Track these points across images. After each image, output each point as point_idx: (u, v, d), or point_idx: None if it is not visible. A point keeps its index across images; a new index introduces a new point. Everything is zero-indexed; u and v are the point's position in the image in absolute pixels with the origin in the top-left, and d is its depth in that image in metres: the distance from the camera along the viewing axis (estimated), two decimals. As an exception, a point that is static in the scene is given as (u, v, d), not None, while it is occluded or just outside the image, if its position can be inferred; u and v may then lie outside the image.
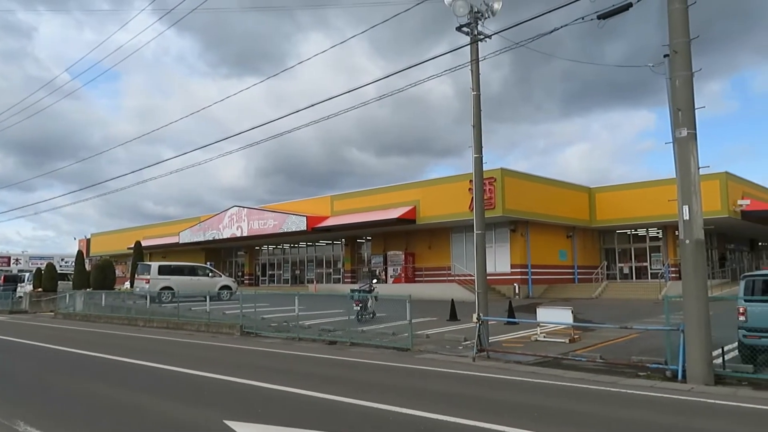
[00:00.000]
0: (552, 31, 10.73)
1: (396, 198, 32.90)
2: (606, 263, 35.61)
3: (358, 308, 18.59)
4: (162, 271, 27.71)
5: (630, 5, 9.67)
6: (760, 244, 45.05)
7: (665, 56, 9.51)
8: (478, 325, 12.44)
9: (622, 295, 29.73)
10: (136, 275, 31.06)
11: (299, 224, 35.85)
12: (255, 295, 20.29)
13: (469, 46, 13.75)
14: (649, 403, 7.95)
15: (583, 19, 10.23)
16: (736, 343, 10.53)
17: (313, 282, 40.65)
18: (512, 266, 30.97)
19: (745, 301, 10.13)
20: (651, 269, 33.93)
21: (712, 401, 7.86)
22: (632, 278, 34.82)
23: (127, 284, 40.44)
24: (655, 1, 13.00)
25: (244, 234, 40.16)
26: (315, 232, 35.99)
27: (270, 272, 46.29)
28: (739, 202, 29.37)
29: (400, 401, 7.74)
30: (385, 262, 36.22)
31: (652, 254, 34.41)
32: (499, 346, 13.37)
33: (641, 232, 34.89)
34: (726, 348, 10.37)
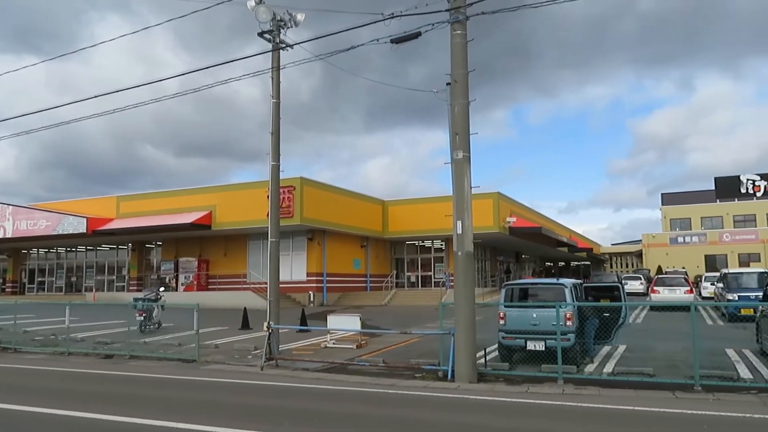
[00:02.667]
0: (349, 49, 11.17)
1: (191, 202, 31.43)
2: (396, 272, 37.88)
3: (142, 318, 17.34)
4: None
5: (419, 34, 10.44)
6: (524, 256, 51.58)
7: (447, 84, 10.45)
8: (268, 333, 12.35)
9: (410, 302, 31.80)
10: None
11: (78, 226, 32.40)
12: (16, 305, 17.77)
13: (271, 52, 13.72)
14: (421, 402, 8.60)
15: (378, 40, 10.81)
16: (497, 344, 11.85)
17: (92, 290, 36.92)
18: (308, 274, 31.38)
19: (505, 306, 11.46)
20: (435, 278, 36.85)
21: (473, 397, 8.76)
22: (419, 286, 37.47)
23: None
24: (444, 33, 14.23)
25: (8, 235, 35.10)
26: (97, 235, 32.82)
27: (40, 279, 41.07)
28: (508, 219, 33.34)
29: (176, 415, 7.36)
30: (177, 269, 34.31)
31: (436, 264, 37.39)
32: (289, 354, 13.42)
33: (428, 243, 37.76)
34: (489, 349, 11.65)
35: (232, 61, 14.31)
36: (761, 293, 13.31)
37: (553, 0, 9.38)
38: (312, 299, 30.61)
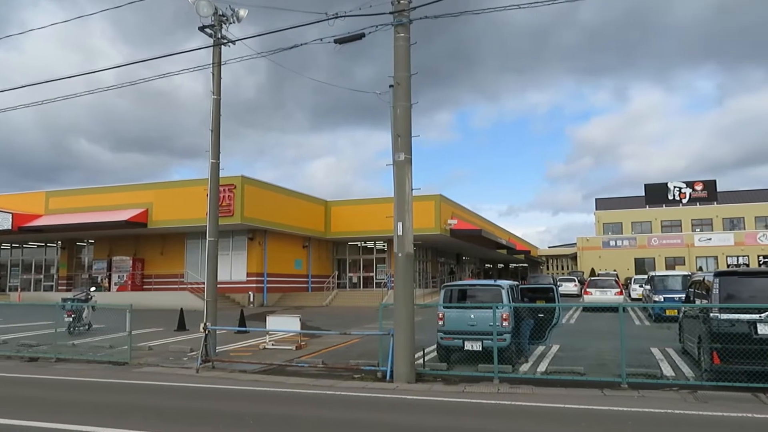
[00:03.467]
0: (292, 47, 11.07)
1: (127, 199, 30.36)
2: (337, 273, 37.79)
3: (71, 319, 16.64)
4: None
5: (363, 35, 10.46)
6: (464, 258, 52.46)
7: (390, 86, 10.51)
8: (205, 334, 12.08)
9: (351, 303, 31.81)
10: None
11: (2, 222, 30.74)
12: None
13: (212, 48, 13.43)
14: (359, 403, 8.61)
15: (321, 40, 10.77)
16: (436, 345, 12.00)
17: (17, 290, 35.13)
18: (248, 274, 30.90)
19: (444, 307, 11.62)
20: (377, 279, 36.99)
21: (411, 397, 8.84)
22: (360, 287, 37.52)
23: None
24: (390, 35, 14.30)
25: (-76, 231, 32.90)
26: (24, 232, 31.24)
27: (-42, 278, 38.72)
28: (449, 221, 33.84)
29: (105, 420, 7.10)
30: (110, 269, 33.09)
31: (378, 265, 37.54)
32: (226, 355, 13.17)
33: (370, 244, 37.87)
34: (428, 350, 11.79)
35: (173, 54, 13.97)
36: (684, 295, 14.02)
37: (493, 8, 9.59)
38: (252, 300, 30.15)
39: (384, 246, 36.89)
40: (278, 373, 11.18)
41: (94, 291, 19.54)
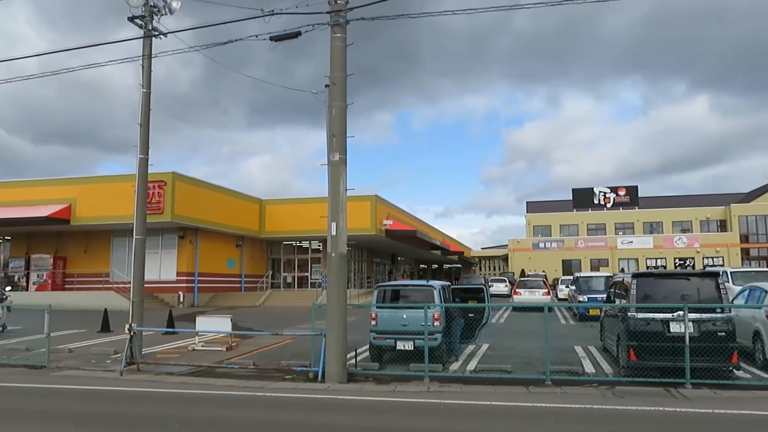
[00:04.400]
0: (226, 43, 10.87)
1: (48, 194, 28.89)
2: (272, 272, 37.31)
3: (-17, 321, 15.68)
4: None
5: (299, 34, 10.39)
6: (399, 258, 52.92)
7: (326, 86, 10.49)
8: (130, 336, 11.66)
9: (285, 303, 31.49)
10: None
11: None
12: None
13: (143, 39, 12.99)
14: (289, 404, 8.55)
15: (257, 36, 10.61)
16: (369, 345, 12.05)
17: None
18: (179, 274, 30.04)
19: (377, 307, 11.70)
20: (311, 279, 36.77)
21: (342, 397, 8.86)
22: (295, 287, 37.19)
23: None
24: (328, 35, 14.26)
25: None
26: (-69, 227, 29.17)
27: None
28: (385, 221, 34.06)
29: (19, 427, 6.74)
30: (28, 267, 31.35)
31: (313, 265, 37.32)
32: (153, 357, 12.77)
33: (305, 244, 37.59)
34: (360, 350, 11.83)
35: (102, 44, 13.41)
36: (606, 295, 14.71)
37: (428, 12, 9.74)
38: (182, 300, 29.33)
39: (319, 246, 36.72)
40: (207, 374, 10.93)
41: (9, 291, 18.48)
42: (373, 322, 11.59)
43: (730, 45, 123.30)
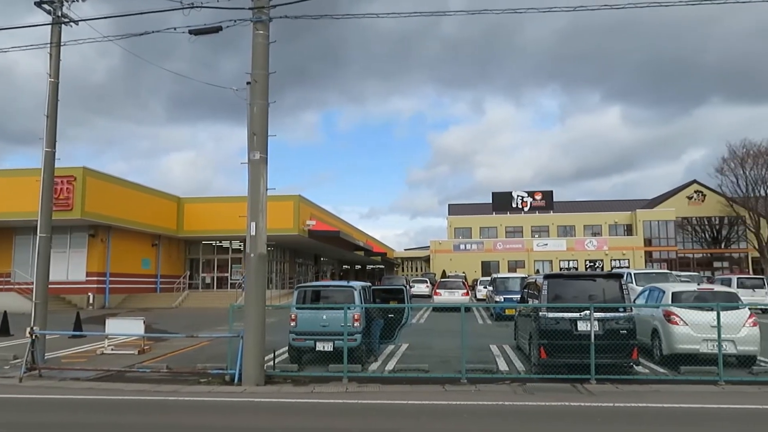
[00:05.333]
0: (142, 34, 10.46)
1: (-59, 187, 26.68)
2: (189, 273, 36.19)
3: None
4: None
5: (220, 28, 10.16)
6: (322, 259, 52.69)
7: (248, 83, 10.30)
8: (32, 339, 10.98)
9: (203, 304, 30.62)
10: None
11: None
12: None
13: (51, 26, 12.27)
14: (203, 408, 8.33)
15: (176, 29, 10.28)
16: (288, 346, 11.92)
17: None
18: (89, 274, 28.58)
19: (297, 308, 11.60)
20: (231, 279, 35.95)
21: (258, 400, 8.73)
22: (214, 288, 36.23)
23: None
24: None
25: None
26: None
27: None
28: (308, 222, 33.83)
29: None
30: None
31: (234, 265, 36.50)
32: (57, 362, 12.07)
33: (225, 244, 36.71)
34: (280, 351, 11.70)
35: (7, 28, 12.52)
36: (520, 295, 15.29)
37: (353, 14, 9.78)
38: (92, 301, 27.92)
39: (240, 246, 35.94)
40: (117, 379, 10.46)
41: None
42: (292, 323, 11.49)
43: (640, 59, 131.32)
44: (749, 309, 11.22)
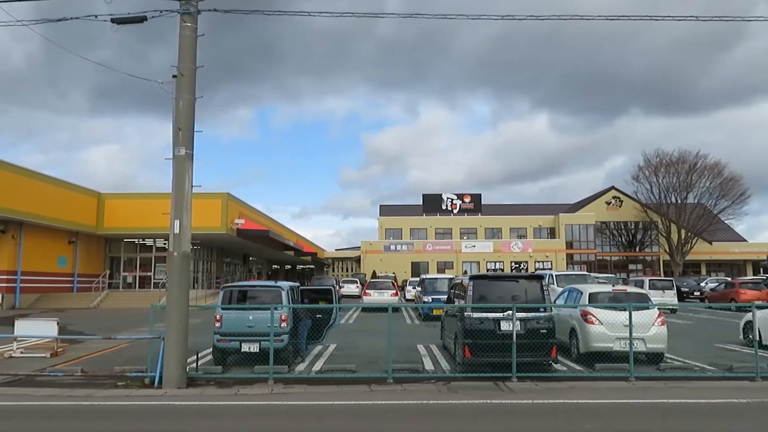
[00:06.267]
0: (60, 20, 9.91)
1: None
2: (110, 272, 34.67)
3: None
4: None
5: (145, 18, 9.79)
6: (251, 258, 51.77)
7: (174, 76, 9.98)
8: (-71, 343, 10.21)
9: (124, 305, 29.40)
10: None
11: None
12: None
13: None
14: (120, 412, 8.00)
15: (96, 17, 9.82)
16: (212, 347, 11.63)
17: None
18: (-3, 272, 26.84)
19: (222, 309, 11.34)
20: (155, 279, 34.70)
21: (179, 403, 8.47)
22: (136, 287, 34.86)
23: None
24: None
25: None
26: None
27: None
28: (236, 220, 33.13)
29: None
30: None
31: (157, 264, 35.24)
32: (-42, 367, 11.27)
33: (149, 242, 35.40)
34: (204, 353, 11.39)
35: None
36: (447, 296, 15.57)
37: (284, 11, 9.66)
38: (1, 301, 26.24)
39: (165, 244, 34.71)
40: (26, 384, 9.89)
41: None
42: (217, 324, 11.23)
43: (567, 69, 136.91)
44: (658, 309, 11.91)
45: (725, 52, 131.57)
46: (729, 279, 38.32)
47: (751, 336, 11.51)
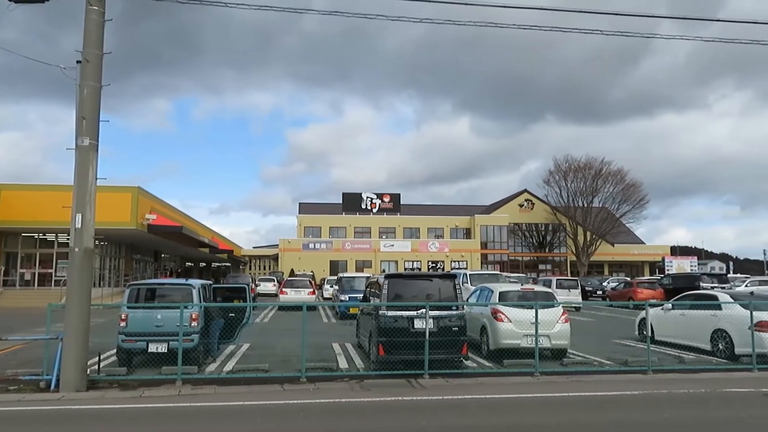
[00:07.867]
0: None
1: None
2: (5, 268, 32.30)
3: None
4: None
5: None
6: (163, 255, 49.84)
7: (78, 62, 9.44)
8: None
9: (21, 304, 27.50)
10: None
11: None
12: None
13: None
14: (10, 418, 7.47)
15: (-8, -7, 9.11)
16: (116, 348, 11.09)
17: None
18: None
19: (128, 308, 10.84)
20: (56, 276, 32.66)
21: (77, 407, 8.02)
22: (35, 285, 32.65)
23: None
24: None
25: None
26: None
27: None
28: (147, 216, 31.75)
29: None
30: None
31: (59, 261, 33.15)
32: None
33: (50, 237, 33.26)
34: (107, 354, 10.85)
35: None
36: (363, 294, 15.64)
37: (198, 1, 9.37)
38: None
39: (68, 239, 32.77)
40: None
41: None
42: (122, 324, 10.72)
43: (487, 75, 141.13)
44: (563, 307, 12.51)
45: (632, 66, 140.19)
46: (628, 279, 40.87)
47: (645, 332, 12.30)
